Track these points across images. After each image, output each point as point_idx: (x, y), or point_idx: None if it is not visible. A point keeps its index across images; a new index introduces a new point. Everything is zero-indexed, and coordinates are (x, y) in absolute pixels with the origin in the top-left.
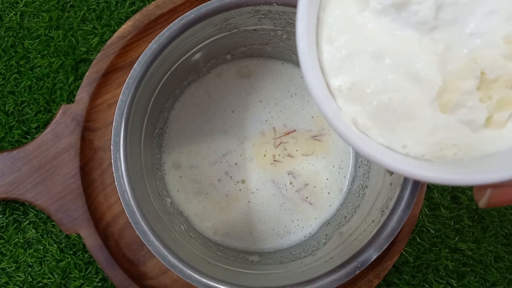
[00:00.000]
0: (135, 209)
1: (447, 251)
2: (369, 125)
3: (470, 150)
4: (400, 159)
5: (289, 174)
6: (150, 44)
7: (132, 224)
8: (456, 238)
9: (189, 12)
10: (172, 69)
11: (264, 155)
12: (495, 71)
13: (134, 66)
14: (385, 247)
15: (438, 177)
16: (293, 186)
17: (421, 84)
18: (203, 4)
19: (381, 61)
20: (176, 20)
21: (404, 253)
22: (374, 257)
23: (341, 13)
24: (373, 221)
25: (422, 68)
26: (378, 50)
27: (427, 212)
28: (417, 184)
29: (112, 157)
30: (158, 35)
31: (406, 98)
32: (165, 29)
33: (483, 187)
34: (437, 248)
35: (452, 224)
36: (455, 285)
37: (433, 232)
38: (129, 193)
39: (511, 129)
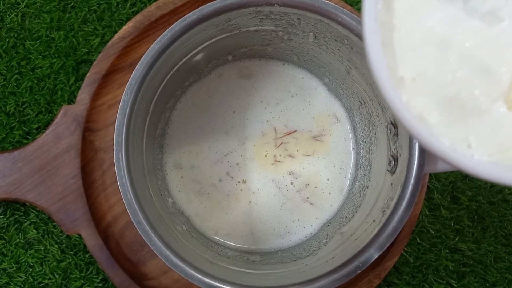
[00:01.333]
0: (137, 208)
1: (447, 251)
2: (433, 120)
3: None
4: (470, 158)
5: (290, 174)
6: (153, 44)
7: (134, 224)
8: (456, 239)
9: (191, 13)
10: (174, 69)
11: (265, 155)
12: None
13: (137, 66)
14: (386, 247)
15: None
16: (294, 186)
17: (488, 78)
18: (205, 5)
19: (447, 52)
20: (178, 21)
21: (404, 253)
22: (375, 256)
23: (406, 0)
24: (374, 221)
25: (489, 61)
26: (443, 40)
27: (427, 213)
28: (418, 184)
29: (114, 157)
30: (160, 36)
31: (473, 93)
32: (167, 29)
33: None
34: (437, 249)
35: (452, 224)
36: (455, 285)
37: (433, 232)
38: (131, 193)
39: None
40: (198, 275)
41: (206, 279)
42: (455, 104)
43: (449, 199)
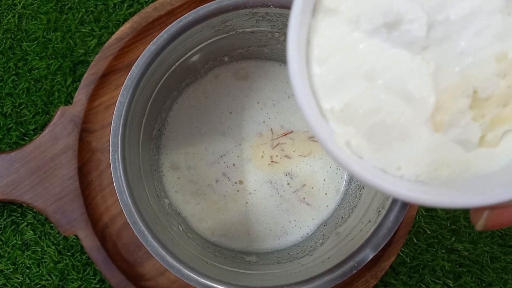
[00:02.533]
0: (133, 209)
1: (444, 251)
2: (362, 147)
3: (464, 170)
4: (395, 181)
5: (286, 175)
6: (149, 45)
7: (130, 225)
8: (453, 239)
9: (187, 14)
10: (170, 70)
11: (262, 156)
12: (488, 90)
13: (133, 67)
14: (381, 247)
15: (433, 199)
16: (290, 187)
17: (414, 104)
18: (201, 6)
19: (373, 82)
20: (175, 22)
21: (401, 253)
22: (371, 256)
23: (332, 34)
24: (369, 221)
25: (414, 88)
26: (370, 70)
27: (424, 213)
28: None
29: (110, 158)
30: (157, 37)
31: (399, 119)
32: (163, 31)
33: (479, 209)
34: (434, 249)
35: (449, 224)
36: (451, 285)
37: (429, 232)
38: (127, 194)
39: (504, 148)
40: (194, 276)
41: (202, 280)
42: (381, 130)
43: None
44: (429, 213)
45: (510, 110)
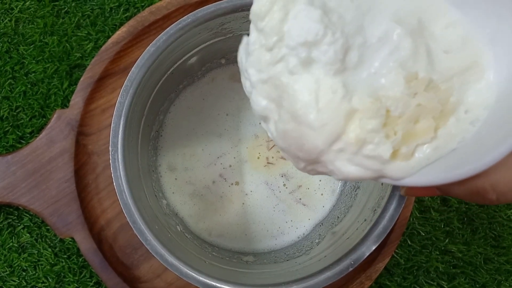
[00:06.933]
0: (133, 208)
1: (438, 253)
2: None
3: (381, 177)
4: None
5: (282, 176)
6: (148, 47)
7: (130, 224)
8: (446, 240)
9: (186, 16)
10: (169, 72)
11: (258, 157)
12: (399, 108)
13: (132, 68)
14: (377, 245)
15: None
16: (286, 187)
17: (317, 131)
18: (199, 9)
19: (279, 106)
20: (174, 24)
21: (395, 255)
22: (367, 254)
23: (256, 46)
24: (365, 220)
25: (316, 118)
26: (280, 95)
27: (418, 215)
28: None
29: (110, 157)
30: (156, 39)
31: (304, 146)
32: (162, 32)
33: None
34: (428, 250)
35: (442, 226)
36: (445, 286)
37: (423, 234)
38: (127, 193)
39: (418, 160)
40: (193, 274)
41: (201, 278)
42: (290, 153)
43: (439, 201)
44: (423, 215)
45: (421, 126)
